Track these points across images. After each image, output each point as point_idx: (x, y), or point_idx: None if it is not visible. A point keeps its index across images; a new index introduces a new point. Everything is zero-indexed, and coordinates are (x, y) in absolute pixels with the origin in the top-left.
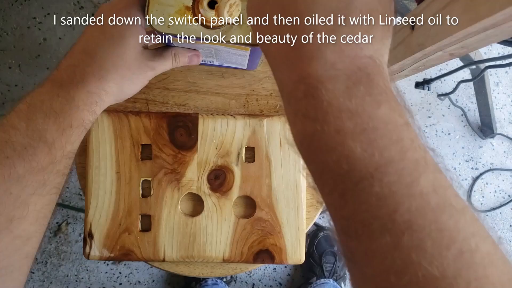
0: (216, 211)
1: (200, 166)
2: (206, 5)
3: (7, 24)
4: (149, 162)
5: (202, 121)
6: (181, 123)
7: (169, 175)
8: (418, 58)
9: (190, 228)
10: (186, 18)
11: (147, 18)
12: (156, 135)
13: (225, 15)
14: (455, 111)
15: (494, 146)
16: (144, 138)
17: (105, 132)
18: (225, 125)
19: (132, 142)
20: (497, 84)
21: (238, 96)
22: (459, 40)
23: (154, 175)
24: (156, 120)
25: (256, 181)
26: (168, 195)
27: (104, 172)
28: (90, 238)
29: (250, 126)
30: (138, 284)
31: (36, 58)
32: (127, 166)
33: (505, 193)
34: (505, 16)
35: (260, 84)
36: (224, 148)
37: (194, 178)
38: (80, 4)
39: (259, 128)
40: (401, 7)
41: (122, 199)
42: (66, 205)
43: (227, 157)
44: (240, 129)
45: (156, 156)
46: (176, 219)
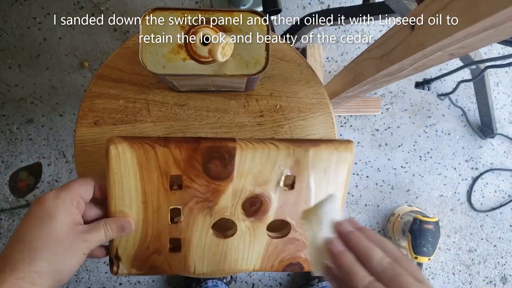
0: (250, 233)
1: (235, 195)
2: (199, 42)
3: (7, 24)
4: (179, 192)
5: (241, 151)
6: (216, 154)
7: (201, 203)
8: (418, 58)
9: (221, 248)
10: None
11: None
12: (188, 167)
13: (219, 58)
14: (455, 111)
15: (494, 146)
16: (173, 170)
17: (128, 165)
18: (266, 154)
19: (160, 174)
20: (497, 84)
21: (238, 96)
22: (459, 40)
23: (185, 204)
24: (187, 151)
25: (293, 206)
26: (199, 221)
27: (129, 203)
28: (117, 260)
29: (294, 156)
30: (138, 284)
31: (36, 58)
32: (154, 196)
33: (505, 193)
34: (505, 16)
35: (260, 84)
36: (262, 177)
37: (228, 206)
38: (80, 4)
39: (303, 159)
40: (401, 7)
41: (150, 226)
42: None
43: (265, 186)
44: (281, 159)
45: (187, 186)
46: (208, 241)
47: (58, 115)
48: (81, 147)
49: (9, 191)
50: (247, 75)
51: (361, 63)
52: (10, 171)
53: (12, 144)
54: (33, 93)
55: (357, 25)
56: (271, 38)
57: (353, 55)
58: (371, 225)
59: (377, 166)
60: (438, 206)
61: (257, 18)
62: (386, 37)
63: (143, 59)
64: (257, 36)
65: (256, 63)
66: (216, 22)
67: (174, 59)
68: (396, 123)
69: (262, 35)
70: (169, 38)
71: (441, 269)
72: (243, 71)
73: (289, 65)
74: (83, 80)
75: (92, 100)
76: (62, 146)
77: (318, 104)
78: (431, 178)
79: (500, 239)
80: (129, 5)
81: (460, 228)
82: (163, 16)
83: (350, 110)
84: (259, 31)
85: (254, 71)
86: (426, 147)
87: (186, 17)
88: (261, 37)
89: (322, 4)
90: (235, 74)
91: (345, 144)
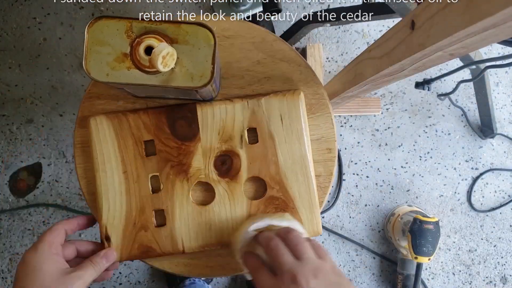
0: (228, 196)
1: (205, 154)
2: (143, 52)
3: (7, 24)
4: (154, 158)
5: (201, 109)
6: (180, 115)
7: (176, 167)
8: (418, 58)
9: (204, 217)
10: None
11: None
12: (157, 130)
13: (159, 67)
14: (455, 111)
15: (494, 146)
16: (145, 135)
17: (106, 134)
18: (223, 110)
19: (134, 140)
20: (497, 84)
21: (238, 96)
22: (459, 40)
23: (161, 169)
24: (154, 115)
25: (262, 160)
26: (178, 187)
27: (111, 174)
28: (108, 241)
29: (249, 108)
30: (138, 284)
31: (36, 58)
32: (133, 165)
33: (505, 193)
34: (505, 16)
35: (260, 85)
36: (226, 133)
37: (201, 167)
38: (80, 4)
39: (258, 108)
40: (401, 7)
41: (133, 198)
42: (66, 206)
43: (230, 142)
44: (239, 112)
45: (160, 150)
46: (189, 209)
47: (58, 115)
48: (81, 147)
49: (9, 191)
50: (191, 88)
51: (361, 63)
52: (10, 171)
53: (12, 144)
54: (33, 93)
55: (357, 25)
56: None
57: (353, 55)
58: (371, 225)
59: (377, 166)
60: (438, 206)
61: (205, 31)
62: (386, 37)
63: (87, 66)
64: (203, 49)
65: (201, 76)
66: (164, 33)
67: (118, 68)
68: (396, 123)
69: (209, 48)
70: (114, 47)
71: (441, 269)
72: (188, 83)
73: (289, 65)
74: (83, 80)
75: (91, 101)
76: (62, 146)
77: (317, 104)
78: (431, 178)
79: (500, 239)
80: (129, 5)
81: (460, 228)
82: (109, 24)
83: (350, 110)
84: (206, 45)
85: (199, 84)
86: (426, 147)
87: (132, 27)
88: (208, 51)
89: (322, 4)
90: (179, 86)
91: (292, 91)
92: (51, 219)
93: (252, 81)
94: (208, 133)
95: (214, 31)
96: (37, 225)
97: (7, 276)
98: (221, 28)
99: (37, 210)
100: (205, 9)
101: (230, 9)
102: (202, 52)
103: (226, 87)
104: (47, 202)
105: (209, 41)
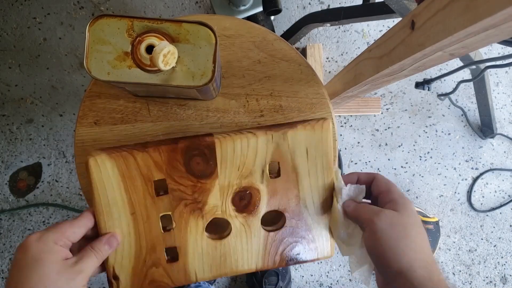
0: (245, 230)
1: (222, 191)
2: (144, 50)
3: (7, 24)
4: (166, 197)
5: (220, 144)
6: (196, 152)
7: (190, 205)
8: (418, 58)
9: (219, 250)
10: (125, 63)
11: (86, 68)
12: (170, 169)
13: (160, 65)
14: (455, 111)
15: (494, 146)
16: (156, 174)
17: (109, 176)
18: (245, 144)
19: (144, 180)
20: (497, 84)
21: (238, 96)
22: (459, 40)
23: (174, 208)
24: (167, 153)
25: (283, 194)
26: (192, 225)
27: (117, 217)
28: (116, 281)
29: (273, 141)
30: None
31: (36, 58)
32: (142, 205)
33: (505, 193)
34: (505, 16)
35: (260, 84)
36: (247, 168)
37: (218, 204)
38: (80, 4)
39: (282, 142)
40: (401, 7)
41: (142, 237)
42: (66, 205)
43: (250, 177)
44: (262, 146)
45: (173, 189)
46: (204, 244)
47: (58, 115)
48: (81, 147)
49: (9, 191)
50: (192, 87)
51: (361, 63)
52: (10, 171)
53: (12, 144)
54: (33, 93)
55: (357, 25)
56: (219, 51)
57: (353, 55)
58: None
59: (377, 166)
60: (438, 206)
61: (206, 30)
62: (386, 37)
63: (88, 65)
64: (205, 48)
65: (202, 75)
66: (165, 32)
67: (119, 66)
68: (396, 123)
69: (210, 47)
70: (115, 45)
71: (441, 269)
72: (189, 82)
73: (289, 65)
74: (83, 80)
75: (92, 100)
76: (62, 146)
77: (318, 104)
78: (431, 178)
79: (500, 239)
80: (129, 5)
81: (460, 228)
82: (110, 23)
83: (350, 110)
84: (207, 44)
85: (200, 83)
86: (426, 147)
87: (133, 25)
88: (209, 50)
89: (322, 4)
90: (180, 85)
91: (321, 123)
92: (51, 219)
93: (253, 80)
94: (227, 169)
95: (215, 30)
96: (37, 225)
97: (7, 276)
98: (222, 27)
99: (37, 210)
100: (205, 9)
101: (230, 9)
102: (203, 51)
103: (227, 86)
104: (47, 202)
105: (210, 40)
